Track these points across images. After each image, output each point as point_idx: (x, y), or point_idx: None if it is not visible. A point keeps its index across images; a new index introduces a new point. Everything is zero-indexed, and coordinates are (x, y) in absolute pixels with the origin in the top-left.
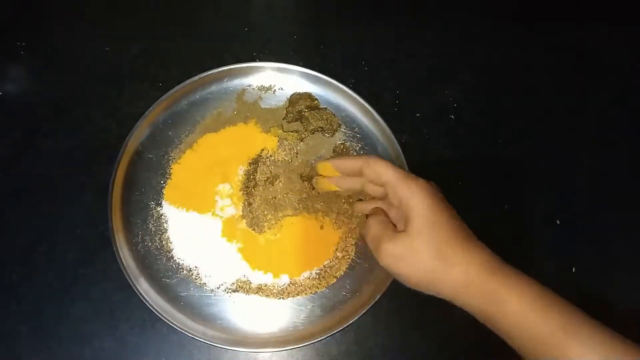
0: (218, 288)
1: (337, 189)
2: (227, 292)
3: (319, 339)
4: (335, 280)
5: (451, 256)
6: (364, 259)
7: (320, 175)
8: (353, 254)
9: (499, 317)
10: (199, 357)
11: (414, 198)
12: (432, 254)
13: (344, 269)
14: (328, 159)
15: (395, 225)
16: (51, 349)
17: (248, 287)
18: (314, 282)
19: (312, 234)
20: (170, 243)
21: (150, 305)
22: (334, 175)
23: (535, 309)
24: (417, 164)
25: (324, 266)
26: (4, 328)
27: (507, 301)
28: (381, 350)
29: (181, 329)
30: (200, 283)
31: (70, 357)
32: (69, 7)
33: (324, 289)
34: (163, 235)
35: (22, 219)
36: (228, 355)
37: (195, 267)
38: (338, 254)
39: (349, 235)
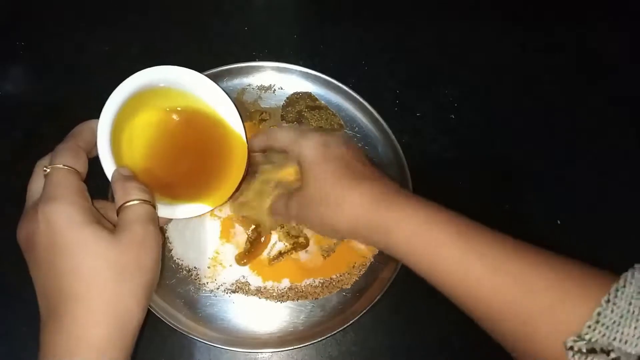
0: (217, 289)
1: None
2: (227, 293)
3: (319, 340)
4: (339, 289)
5: (339, 198)
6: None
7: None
8: (364, 270)
9: (392, 247)
10: (199, 357)
11: (302, 152)
12: (322, 200)
13: (351, 283)
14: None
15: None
16: None
17: (247, 288)
18: (316, 289)
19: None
20: (170, 243)
21: (150, 305)
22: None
23: (419, 233)
24: (417, 164)
25: (331, 278)
26: (4, 328)
27: (392, 231)
28: (381, 350)
29: (181, 329)
30: (199, 284)
31: None
32: (69, 7)
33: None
34: (164, 235)
35: None
36: (228, 356)
37: (195, 267)
38: (349, 269)
39: (365, 256)
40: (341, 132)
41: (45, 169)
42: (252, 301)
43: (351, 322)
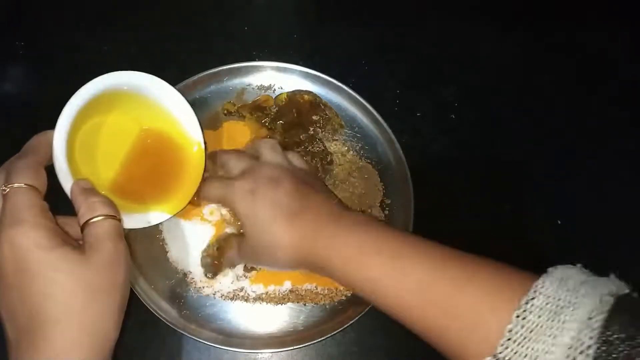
0: (214, 294)
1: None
2: (225, 299)
3: (319, 340)
4: (342, 297)
5: (274, 243)
6: None
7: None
8: None
9: (336, 279)
10: (199, 358)
11: (234, 207)
12: (262, 247)
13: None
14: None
15: None
16: None
17: (247, 296)
18: (317, 296)
19: None
20: (166, 245)
21: (150, 305)
22: None
23: (351, 263)
24: (417, 164)
25: (335, 288)
26: (4, 328)
27: (327, 267)
28: (381, 350)
29: (181, 329)
30: (195, 287)
31: None
32: (69, 7)
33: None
34: (159, 237)
35: None
36: (228, 356)
37: (189, 271)
38: None
39: None
40: (268, 164)
41: (3, 188)
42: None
43: (351, 322)
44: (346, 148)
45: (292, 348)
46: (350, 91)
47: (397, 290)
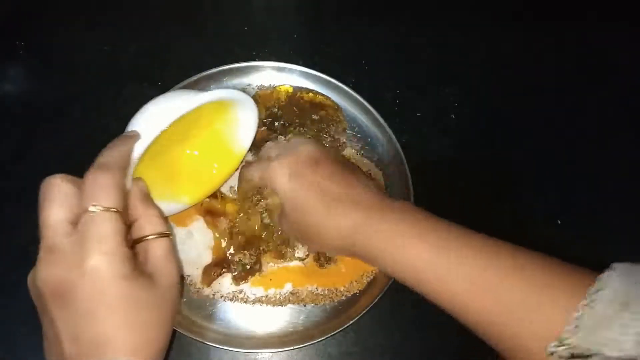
0: (213, 295)
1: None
2: (225, 300)
3: (319, 340)
4: (342, 297)
5: (319, 229)
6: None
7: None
8: (370, 278)
9: (383, 269)
10: (199, 358)
11: (274, 187)
12: (304, 229)
13: (354, 291)
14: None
15: None
16: None
17: (246, 298)
18: (318, 297)
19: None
20: None
21: None
22: None
23: (399, 259)
24: (417, 164)
25: (336, 289)
26: (4, 328)
27: (377, 259)
28: (381, 350)
29: (181, 329)
30: (194, 289)
31: None
32: (68, 7)
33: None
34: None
35: (22, 219)
36: (228, 356)
37: (188, 275)
38: (358, 277)
39: (371, 270)
40: (307, 140)
41: (92, 210)
42: None
43: (351, 322)
44: (347, 148)
45: (292, 348)
46: (350, 91)
47: (447, 281)
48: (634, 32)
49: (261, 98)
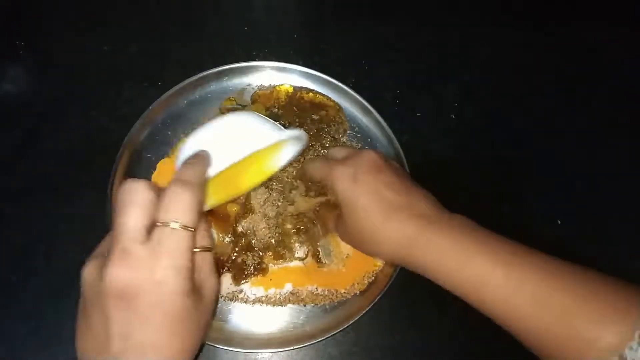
0: None
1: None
2: (225, 300)
3: (319, 340)
4: (342, 298)
5: (375, 235)
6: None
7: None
8: (371, 279)
9: (433, 279)
10: (199, 358)
11: (334, 188)
12: (359, 233)
13: (354, 293)
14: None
15: None
16: (51, 349)
17: (246, 298)
18: (318, 297)
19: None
20: None
21: None
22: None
23: (454, 275)
24: (417, 164)
25: (336, 290)
26: (4, 328)
27: (428, 272)
28: (381, 350)
29: None
30: None
31: (70, 357)
32: (68, 7)
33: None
34: None
35: (22, 219)
36: (228, 356)
37: None
38: (355, 285)
39: (372, 270)
40: (371, 152)
41: (172, 226)
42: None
43: (351, 322)
44: None
45: (292, 348)
46: (350, 91)
47: (508, 300)
48: (633, 33)
49: (261, 98)
